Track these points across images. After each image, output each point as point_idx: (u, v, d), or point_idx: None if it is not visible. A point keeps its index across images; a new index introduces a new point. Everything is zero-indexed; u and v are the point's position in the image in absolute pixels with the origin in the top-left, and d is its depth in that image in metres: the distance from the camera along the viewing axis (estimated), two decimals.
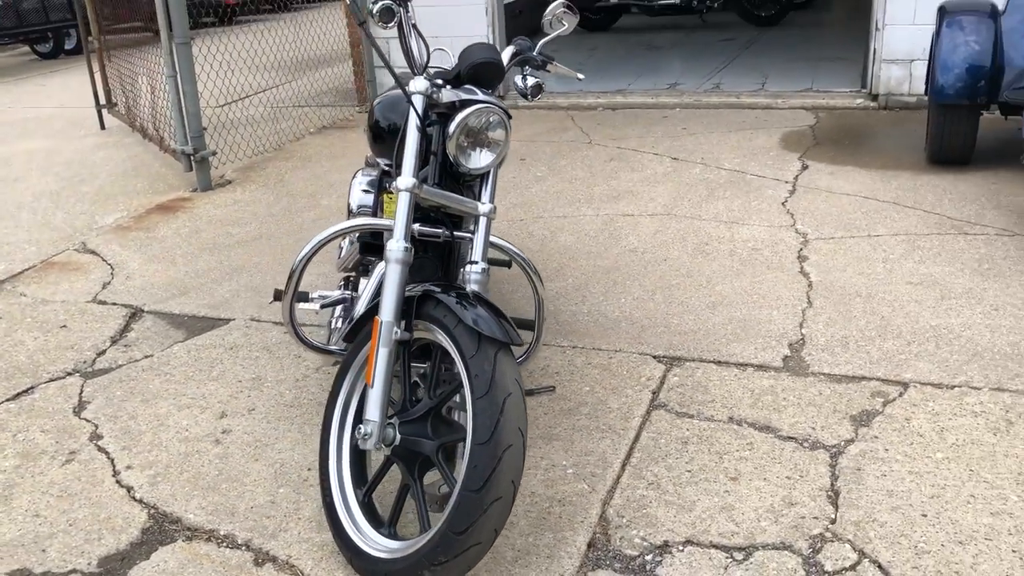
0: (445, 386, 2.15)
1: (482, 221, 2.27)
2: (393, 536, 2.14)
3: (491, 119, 2.19)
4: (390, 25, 2.18)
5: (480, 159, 2.23)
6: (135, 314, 3.75)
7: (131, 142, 6.73)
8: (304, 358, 3.28)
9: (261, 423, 2.88)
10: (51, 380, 3.25)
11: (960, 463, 2.45)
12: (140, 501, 2.53)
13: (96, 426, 2.92)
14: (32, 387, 3.21)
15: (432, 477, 2.13)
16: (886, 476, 2.42)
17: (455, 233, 2.33)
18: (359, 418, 2.30)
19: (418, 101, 2.17)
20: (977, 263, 3.67)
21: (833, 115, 6.14)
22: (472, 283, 2.20)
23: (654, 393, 2.90)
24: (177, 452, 2.75)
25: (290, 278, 2.48)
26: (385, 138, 2.45)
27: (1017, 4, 4.67)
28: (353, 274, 3.08)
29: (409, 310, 2.11)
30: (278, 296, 3.01)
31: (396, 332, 2.08)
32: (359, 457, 2.29)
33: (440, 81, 2.22)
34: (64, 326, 3.68)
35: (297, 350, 3.34)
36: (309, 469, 2.62)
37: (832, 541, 2.20)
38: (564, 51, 9.00)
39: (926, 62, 5.88)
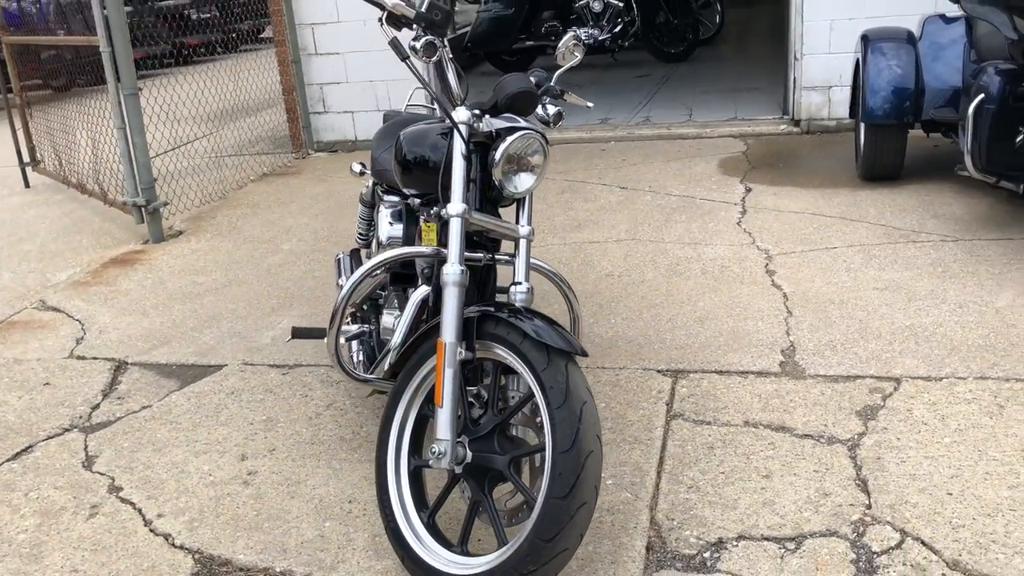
0: (504, 403, 2.21)
1: (522, 243, 2.36)
2: (466, 554, 2.17)
3: (532, 145, 2.29)
4: (432, 59, 2.26)
5: (523, 183, 2.32)
6: (120, 367, 3.67)
7: (62, 199, 6.55)
8: (311, 397, 3.28)
9: (286, 462, 2.87)
10: (49, 437, 3.15)
11: (968, 445, 2.64)
12: (182, 547, 2.49)
13: (112, 479, 2.86)
14: (31, 446, 3.11)
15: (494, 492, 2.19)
16: (905, 462, 2.59)
17: (495, 256, 2.41)
18: (415, 443, 2.34)
19: (463, 130, 2.26)
20: (932, 267, 3.94)
21: (761, 141, 6.48)
22: (519, 302, 2.28)
23: (668, 404, 3.02)
24: (207, 497, 2.71)
25: (335, 315, 2.51)
26: (413, 170, 2.52)
27: (929, 31, 5.05)
28: (363, 308, 3.11)
29: (470, 331, 2.17)
30: (296, 334, 3.03)
31: (460, 353, 2.14)
32: (418, 481, 2.32)
33: (477, 112, 2.31)
34: (47, 383, 3.57)
35: (303, 389, 3.33)
36: (350, 502, 2.63)
37: (873, 524, 2.34)
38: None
39: (844, 88, 6.30)
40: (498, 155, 2.26)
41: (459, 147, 2.26)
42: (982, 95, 3.95)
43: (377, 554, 2.38)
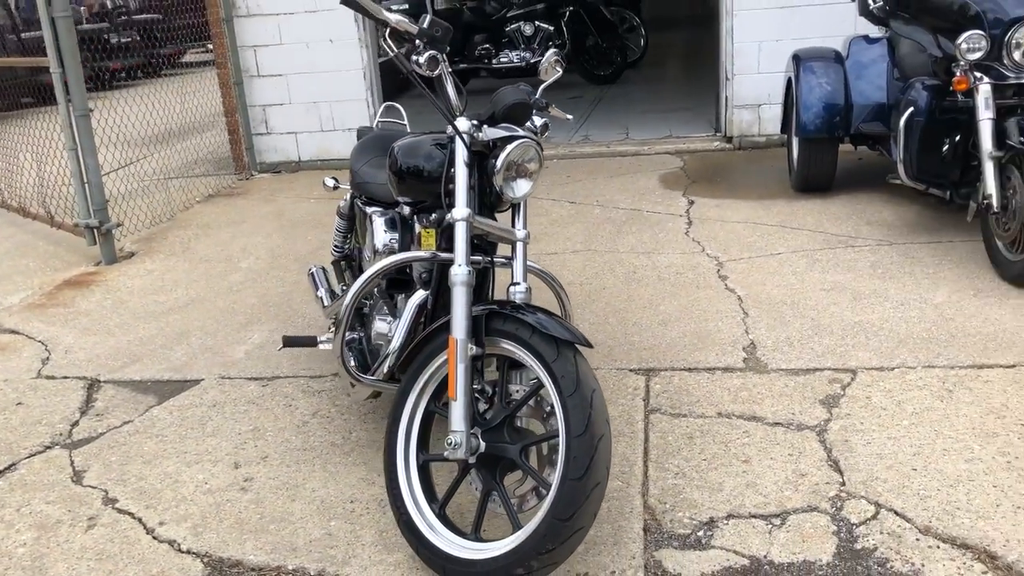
0: (507, 396, 2.33)
1: (519, 246, 2.50)
2: (480, 540, 2.28)
3: (529, 152, 2.44)
4: (435, 72, 2.39)
5: (520, 189, 2.46)
6: (93, 385, 3.66)
7: (1, 223, 6.41)
8: (295, 406, 3.34)
9: (280, 468, 2.93)
10: (32, 455, 3.14)
11: (924, 426, 2.87)
12: (189, 552, 2.53)
13: (105, 491, 2.87)
14: (13, 464, 3.09)
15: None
16: (870, 443, 2.80)
17: (493, 259, 2.54)
18: (422, 439, 2.45)
19: (466, 139, 2.39)
20: (871, 269, 4.22)
21: (696, 157, 6.76)
22: (518, 302, 2.40)
23: (645, 400, 3.18)
24: (207, 503, 2.75)
25: (340, 321, 2.61)
26: (408, 179, 2.63)
27: (854, 51, 5.39)
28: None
29: (478, 328, 2.29)
30: (288, 343, 3.10)
31: (471, 349, 2.26)
32: (426, 475, 2.43)
33: (476, 122, 2.44)
34: (20, 403, 3.54)
35: (285, 400, 3.39)
36: (352, 501, 2.71)
37: (848, 499, 2.54)
38: (427, 113, 9.34)
39: (773, 106, 6.64)
40: (499, 162, 2.39)
41: (461, 155, 2.39)
42: (911, 108, 4.26)
43: (387, 548, 2.46)
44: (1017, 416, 2.88)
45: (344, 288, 3.48)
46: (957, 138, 4.23)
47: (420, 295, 2.64)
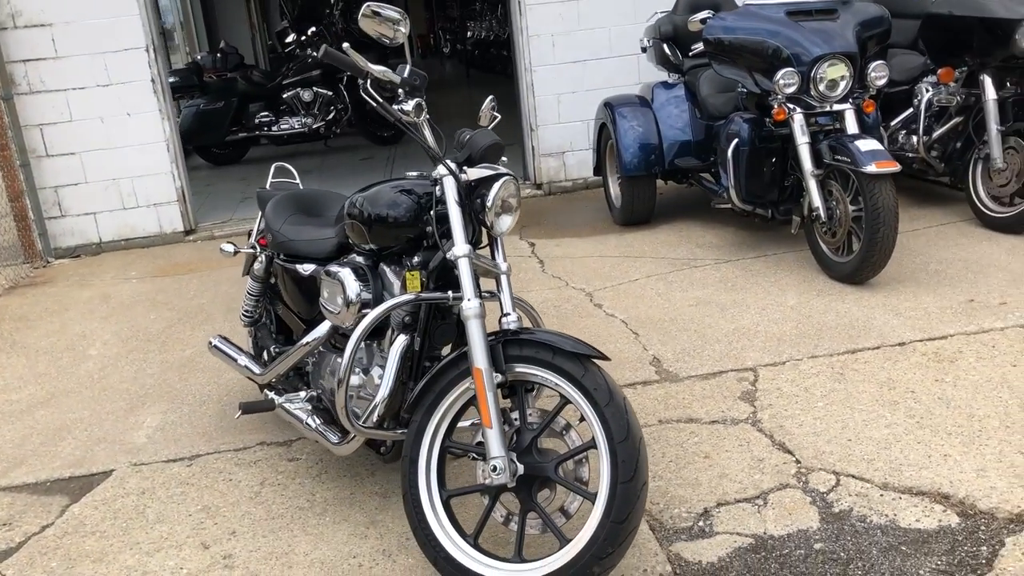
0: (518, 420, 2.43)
1: (504, 278, 2.62)
2: (524, 562, 2.34)
3: (512, 188, 2.58)
4: (420, 118, 2.48)
5: (504, 223, 2.59)
6: None
7: None
8: (236, 479, 3.19)
9: (257, 540, 2.81)
10: None
11: (838, 405, 3.28)
12: None
13: None
14: None
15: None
16: (802, 425, 3.16)
17: (482, 293, 2.64)
18: (441, 477, 2.48)
19: (454, 180, 2.49)
20: (721, 284, 4.69)
21: None
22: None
23: None
24: None
25: (343, 378, 2.57)
26: (375, 226, 2.66)
27: (658, 95, 5.97)
28: (288, 377, 3.16)
29: (497, 356, 2.38)
30: (246, 409, 3.01)
31: (496, 377, 2.35)
32: (450, 510, 2.45)
33: (454, 165, 2.54)
34: None
35: (222, 475, 3.23)
36: (354, 557, 2.66)
37: (810, 472, 2.86)
38: (218, 183, 9.06)
39: (576, 152, 7.17)
40: (491, 199, 2.51)
41: (453, 195, 2.49)
42: (736, 140, 4.82)
43: None
44: (904, 386, 3.36)
45: (278, 351, 3.37)
46: (774, 162, 4.84)
47: (402, 340, 2.67)
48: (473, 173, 2.55)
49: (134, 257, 6.59)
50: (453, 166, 2.51)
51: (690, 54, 5.68)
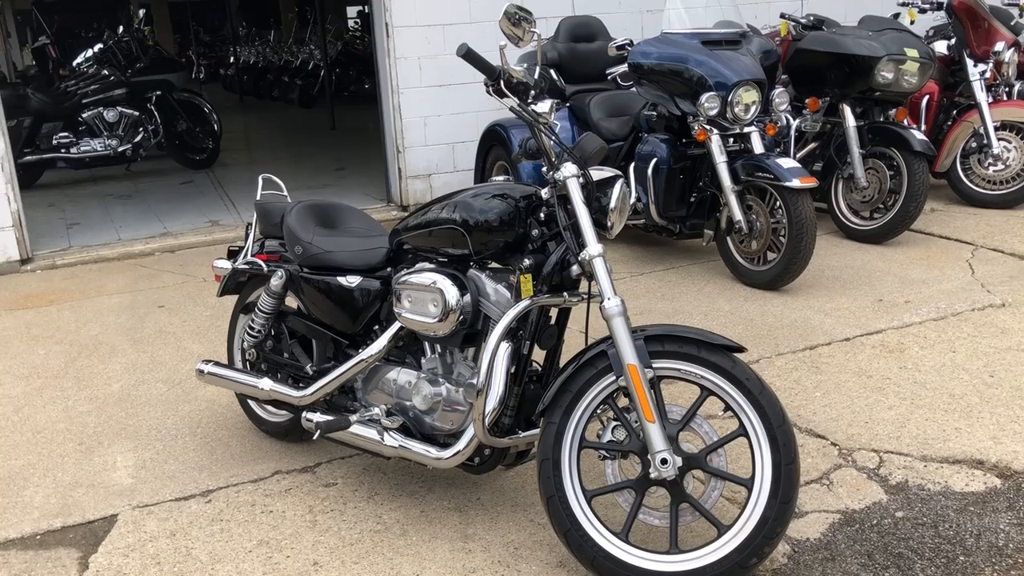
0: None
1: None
2: (683, 552, 2.39)
3: (626, 189, 2.63)
4: (552, 118, 2.49)
5: (620, 223, 2.64)
6: None
7: None
8: (277, 510, 2.95)
9: (348, 567, 2.62)
10: None
11: (837, 394, 3.59)
12: None
13: None
14: None
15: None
16: (816, 413, 3.43)
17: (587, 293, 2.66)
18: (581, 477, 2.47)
19: (578, 182, 2.50)
20: (652, 294, 4.94)
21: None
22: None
23: None
24: None
25: (480, 393, 2.47)
26: (474, 232, 2.59)
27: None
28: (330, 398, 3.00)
29: (642, 353, 2.42)
30: (326, 430, 2.82)
31: (648, 372, 2.39)
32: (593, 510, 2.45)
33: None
34: None
35: (260, 506, 2.97)
36: (472, 573, 2.56)
37: (852, 452, 3.13)
38: (33, 210, 8.10)
39: (442, 174, 7.23)
40: (613, 200, 2.56)
41: (579, 195, 2.50)
42: (656, 159, 5.11)
43: None
44: (880, 374, 3.75)
45: (316, 369, 3.14)
46: (683, 179, 5.17)
47: (506, 346, 2.62)
48: (595, 175, 2.58)
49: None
50: (575, 168, 2.52)
51: (608, 76, 5.95)
